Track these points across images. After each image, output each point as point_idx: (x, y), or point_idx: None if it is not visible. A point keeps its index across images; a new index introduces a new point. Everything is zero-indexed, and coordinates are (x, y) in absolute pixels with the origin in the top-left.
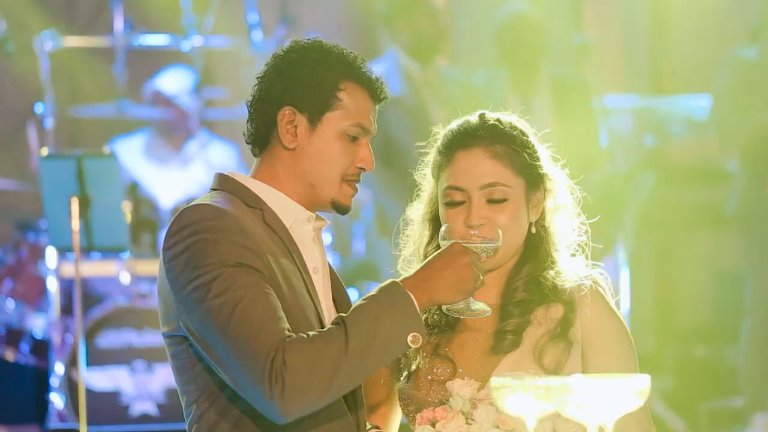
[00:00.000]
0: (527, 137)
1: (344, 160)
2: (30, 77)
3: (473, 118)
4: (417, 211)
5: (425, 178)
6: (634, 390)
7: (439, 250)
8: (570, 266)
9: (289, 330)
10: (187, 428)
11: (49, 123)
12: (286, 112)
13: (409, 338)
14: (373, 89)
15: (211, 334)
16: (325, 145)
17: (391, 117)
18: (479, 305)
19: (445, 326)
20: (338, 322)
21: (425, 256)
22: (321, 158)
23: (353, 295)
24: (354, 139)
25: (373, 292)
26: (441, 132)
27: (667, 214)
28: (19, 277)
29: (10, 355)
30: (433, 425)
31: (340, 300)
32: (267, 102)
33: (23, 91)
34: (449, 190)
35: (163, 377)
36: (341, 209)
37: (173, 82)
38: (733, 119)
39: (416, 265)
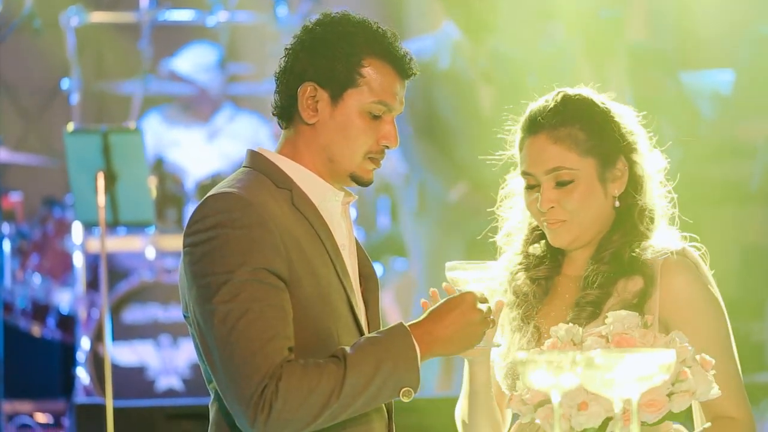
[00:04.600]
0: (597, 114)
1: (366, 138)
2: (56, 53)
3: (548, 99)
4: (518, 184)
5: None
6: (658, 364)
7: (445, 300)
8: (660, 238)
9: (290, 349)
10: (210, 406)
11: (75, 98)
12: (308, 87)
13: (402, 391)
14: (399, 66)
15: (211, 338)
16: (347, 122)
17: (437, 93)
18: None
19: (532, 296)
20: (339, 358)
21: (525, 244)
22: (342, 135)
23: (378, 269)
24: (377, 117)
25: (379, 334)
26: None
27: (694, 189)
28: (45, 252)
29: (36, 330)
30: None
31: (366, 274)
32: (291, 75)
33: (49, 67)
34: (523, 174)
35: (188, 352)
36: (362, 182)
37: (189, 60)
38: (757, 95)
39: (518, 236)
